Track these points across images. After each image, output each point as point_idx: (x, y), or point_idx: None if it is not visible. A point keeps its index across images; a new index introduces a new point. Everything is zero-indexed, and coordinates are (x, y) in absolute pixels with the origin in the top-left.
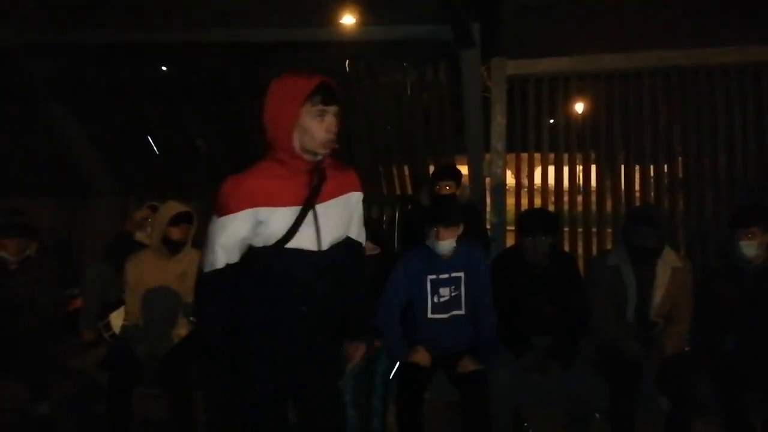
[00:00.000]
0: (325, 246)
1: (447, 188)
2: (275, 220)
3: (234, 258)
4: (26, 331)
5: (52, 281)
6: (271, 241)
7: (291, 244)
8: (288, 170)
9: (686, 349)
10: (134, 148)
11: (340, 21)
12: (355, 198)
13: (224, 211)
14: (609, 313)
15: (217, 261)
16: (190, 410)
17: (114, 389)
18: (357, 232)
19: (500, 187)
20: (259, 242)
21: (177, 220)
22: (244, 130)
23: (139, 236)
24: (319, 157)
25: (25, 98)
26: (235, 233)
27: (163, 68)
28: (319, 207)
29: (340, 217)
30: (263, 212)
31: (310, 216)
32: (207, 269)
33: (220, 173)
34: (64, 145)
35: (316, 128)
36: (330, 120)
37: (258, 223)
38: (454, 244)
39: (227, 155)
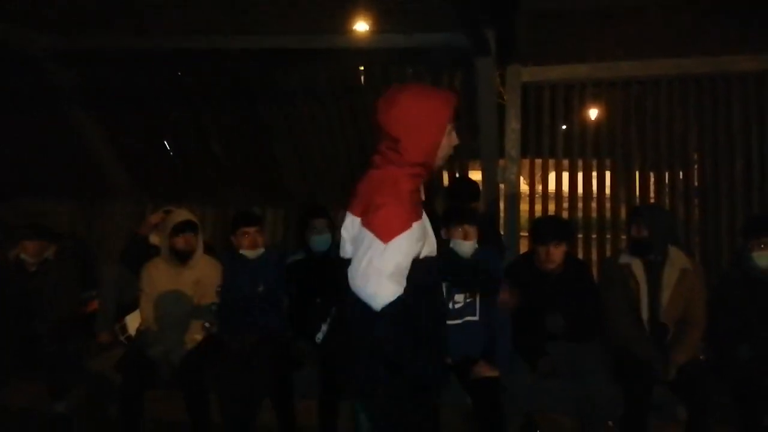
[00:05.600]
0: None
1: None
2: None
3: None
4: (44, 332)
5: (71, 283)
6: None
7: (427, 252)
8: (420, 183)
9: (701, 357)
10: (154, 152)
11: (356, 28)
12: None
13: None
14: (624, 314)
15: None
16: (206, 412)
17: (126, 391)
18: None
19: (514, 193)
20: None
21: (179, 229)
22: (262, 135)
23: (154, 240)
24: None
25: (47, 102)
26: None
27: (180, 74)
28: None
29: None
30: (419, 223)
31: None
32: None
33: (236, 178)
34: (84, 149)
35: (447, 144)
36: (455, 135)
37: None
38: (477, 246)
39: (244, 160)
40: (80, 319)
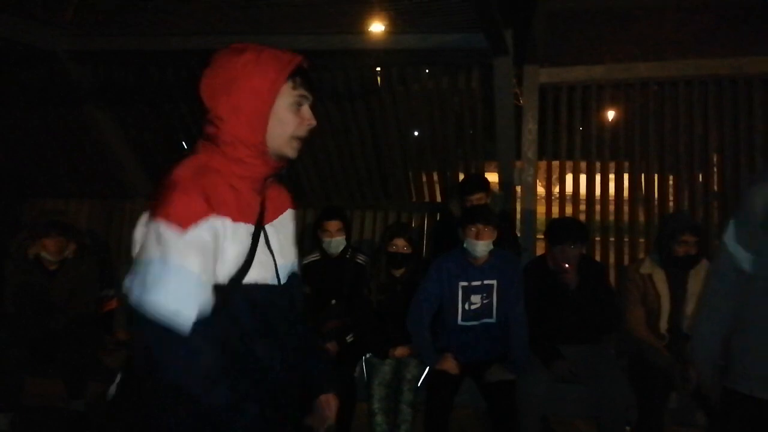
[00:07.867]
0: (283, 279)
1: (478, 200)
2: (235, 240)
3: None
4: (63, 330)
5: (90, 282)
6: (224, 271)
7: (249, 278)
8: (245, 173)
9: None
10: (171, 151)
11: (372, 29)
12: (291, 215)
13: (184, 220)
14: (641, 322)
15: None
16: None
17: None
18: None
19: (531, 195)
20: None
21: None
22: None
23: None
24: (282, 162)
25: (66, 102)
26: (207, 252)
27: (197, 74)
28: (268, 228)
29: (288, 241)
30: (223, 226)
31: (262, 239)
32: (175, 319)
33: None
34: (102, 148)
35: (291, 119)
36: (308, 111)
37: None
38: (491, 246)
39: None
40: (98, 317)
